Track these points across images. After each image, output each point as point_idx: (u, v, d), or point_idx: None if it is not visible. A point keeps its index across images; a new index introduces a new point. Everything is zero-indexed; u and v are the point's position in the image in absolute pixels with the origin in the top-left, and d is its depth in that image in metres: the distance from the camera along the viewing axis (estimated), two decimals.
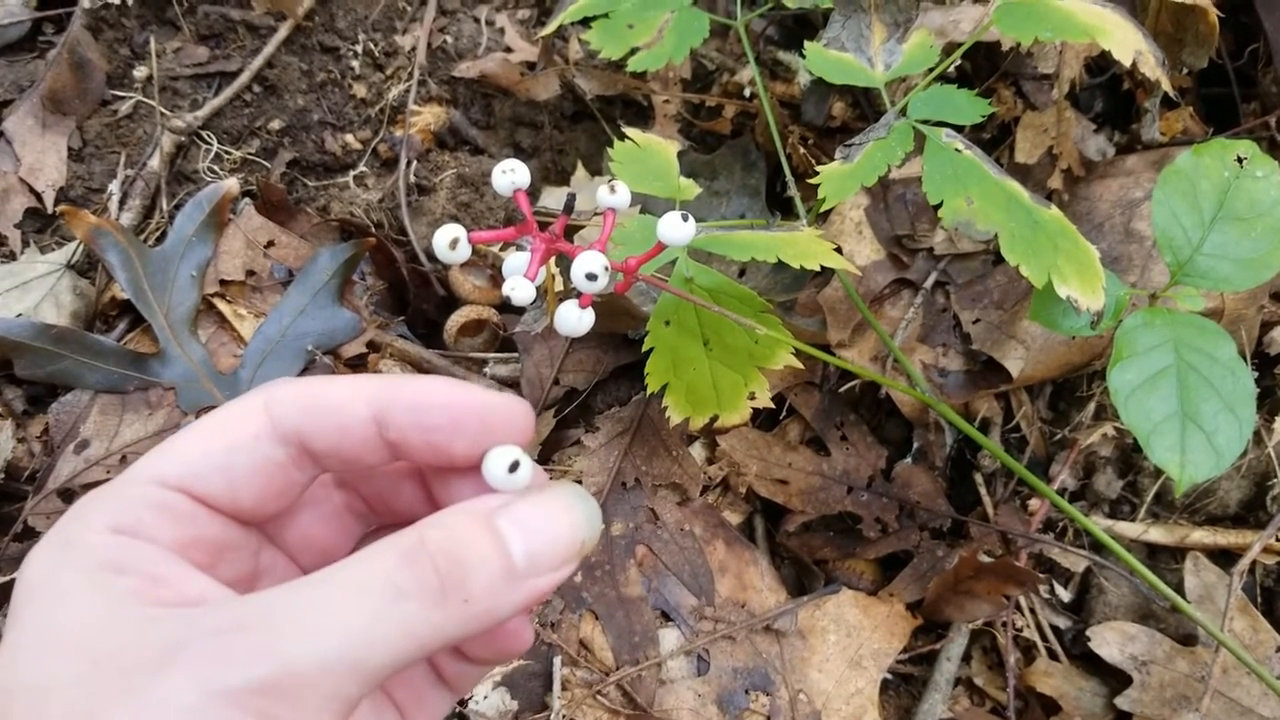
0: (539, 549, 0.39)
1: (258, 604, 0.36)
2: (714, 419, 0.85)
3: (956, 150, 0.76)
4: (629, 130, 0.90)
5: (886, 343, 0.91)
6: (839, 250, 0.93)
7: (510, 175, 0.64)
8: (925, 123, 0.80)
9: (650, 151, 0.88)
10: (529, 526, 0.39)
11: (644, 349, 0.84)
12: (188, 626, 0.35)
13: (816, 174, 0.78)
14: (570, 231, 1.02)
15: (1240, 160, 0.77)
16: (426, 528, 0.38)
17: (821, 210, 0.80)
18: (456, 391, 0.41)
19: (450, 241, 0.62)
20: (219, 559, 0.41)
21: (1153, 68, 0.76)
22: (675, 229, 0.67)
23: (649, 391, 0.84)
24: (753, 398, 0.83)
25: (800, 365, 0.81)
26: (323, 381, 0.42)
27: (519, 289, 0.63)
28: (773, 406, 0.86)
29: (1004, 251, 0.70)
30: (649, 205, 1.04)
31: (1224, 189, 0.77)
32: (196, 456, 0.40)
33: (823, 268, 0.76)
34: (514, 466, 0.40)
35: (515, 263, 0.67)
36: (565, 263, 0.66)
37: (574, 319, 0.70)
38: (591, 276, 0.64)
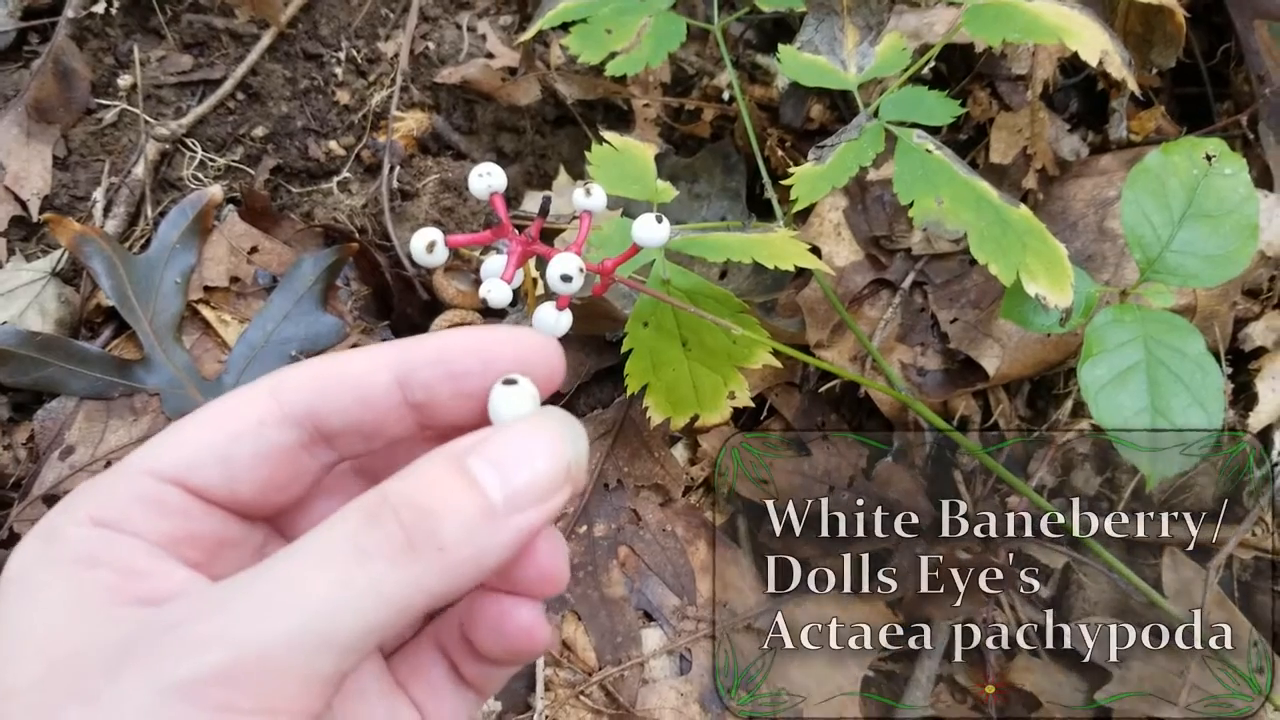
0: (519, 482, 0.35)
1: (218, 590, 0.34)
2: (695, 419, 0.86)
3: (927, 151, 0.77)
4: (607, 134, 0.90)
5: (864, 344, 0.92)
6: (818, 251, 0.94)
7: (486, 179, 0.65)
8: (898, 124, 0.81)
9: (628, 155, 0.89)
10: (504, 460, 0.36)
11: (623, 350, 0.84)
12: (146, 622, 0.33)
13: (790, 178, 0.79)
14: (550, 234, 1.02)
15: (1209, 158, 0.78)
16: (391, 481, 0.35)
17: (795, 211, 0.81)
18: (481, 333, 0.39)
19: (427, 245, 0.63)
20: (215, 556, 0.38)
21: (1118, 68, 0.77)
22: (649, 231, 0.68)
23: (629, 392, 0.85)
24: (732, 397, 0.84)
25: (779, 364, 0.82)
26: (336, 356, 0.39)
27: (495, 291, 0.64)
28: (753, 405, 0.87)
29: (973, 250, 0.71)
30: (630, 208, 1.05)
31: (1193, 187, 0.78)
32: (194, 446, 0.37)
33: (800, 269, 0.77)
34: (510, 382, 0.38)
35: (492, 265, 0.68)
36: (544, 265, 0.67)
37: (551, 321, 0.70)
38: (566, 278, 0.64)
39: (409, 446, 0.42)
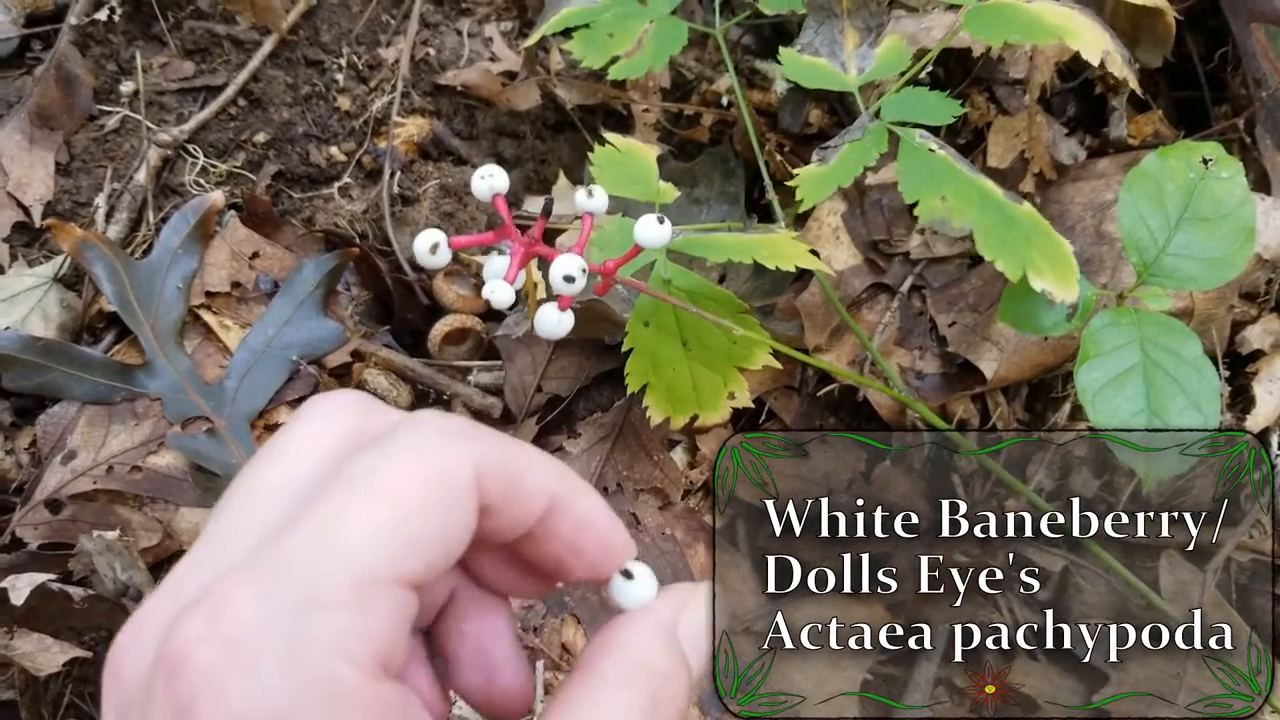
0: (703, 663, 0.39)
1: None
2: (694, 419, 0.86)
3: (930, 150, 0.78)
4: (609, 135, 0.91)
5: (865, 344, 0.92)
6: (816, 254, 0.94)
7: (489, 180, 0.66)
8: (899, 124, 0.81)
9: (630, 156, 0.90)
10: (698, 645, 0.39)
11: (624, 349, 0.85)
12: None
13: (794, 179, 0.80)
14: (551, 236, 1.03)
15: (1205, 162, 0.79)
16: (635, 649, 0.38)
17: (800, 212, 0.82)
18: (615, 525, 0.40)
19: (430, 246, 0.64)
20: None
21: (1120, 67, 0.78)
22: (651, 231, 0.69)
23: (629, 391, 0.85)
24: (732, 397, 0.85)
25: (779, 365, 0.83)
26: (517, 454, 0.36)
27: (498, 292, 0.65)
28: (752, 406, 0.88)
29: (979, 247, 0.71)
30: (630, 210, 1.05)
31: (1189, 190, 0.78)
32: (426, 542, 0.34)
33: (800, 272, 0.77)
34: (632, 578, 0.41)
35: (495, 266, 0.69)
36: (546, 266, 0.67)
37: (553, 321, 0.71)
38: (569, 279, 0.65)
39: None
